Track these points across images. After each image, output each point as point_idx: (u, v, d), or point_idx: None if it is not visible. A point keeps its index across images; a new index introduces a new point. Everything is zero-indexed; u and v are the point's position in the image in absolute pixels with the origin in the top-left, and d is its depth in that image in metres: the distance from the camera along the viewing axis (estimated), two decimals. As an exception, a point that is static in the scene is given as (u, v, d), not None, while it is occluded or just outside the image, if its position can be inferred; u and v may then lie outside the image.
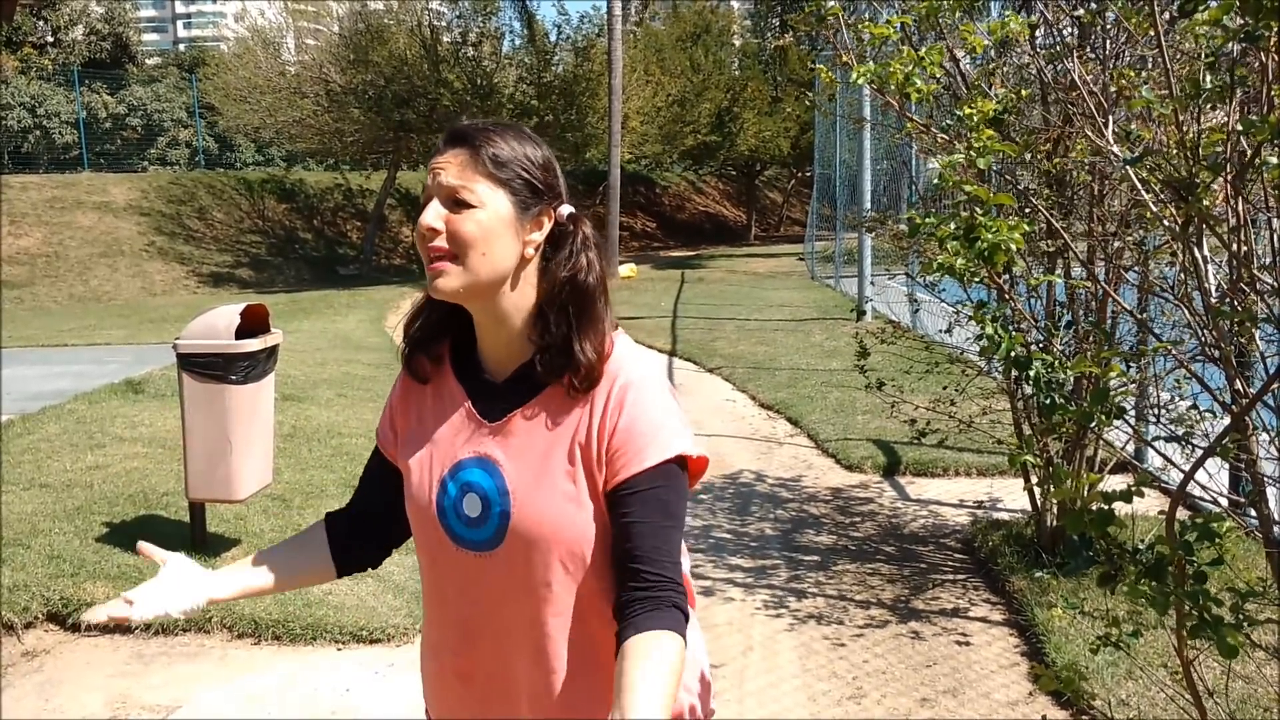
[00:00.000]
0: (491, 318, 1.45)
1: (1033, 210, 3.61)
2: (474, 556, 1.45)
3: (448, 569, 1.48)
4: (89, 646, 4.05)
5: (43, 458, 6.17)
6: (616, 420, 1.39)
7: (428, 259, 1.41)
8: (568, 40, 23.11)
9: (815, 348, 10.67)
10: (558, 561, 1.41)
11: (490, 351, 1.49)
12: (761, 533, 5.27)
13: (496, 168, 1.41)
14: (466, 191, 1.39)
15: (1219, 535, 1.64)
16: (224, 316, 4.50)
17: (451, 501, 1.45)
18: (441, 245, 1.39)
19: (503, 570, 1.44)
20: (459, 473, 1.46)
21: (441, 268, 1.39)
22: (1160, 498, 5.05)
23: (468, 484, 1.45)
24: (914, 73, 2.65)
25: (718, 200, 37.94)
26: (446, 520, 1.46)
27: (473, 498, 1.44)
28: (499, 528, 1.42)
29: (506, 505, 1.42)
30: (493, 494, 1.43)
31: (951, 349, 5.49)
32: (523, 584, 1.43)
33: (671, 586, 1.35)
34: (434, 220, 1.39)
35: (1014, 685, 3.64)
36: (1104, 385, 2.38)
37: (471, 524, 1.44)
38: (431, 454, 1.49)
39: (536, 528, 1.41)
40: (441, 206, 1.40)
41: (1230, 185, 2.02)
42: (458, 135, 1.43)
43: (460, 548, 1.46)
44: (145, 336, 12.30)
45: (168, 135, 29.79)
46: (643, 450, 1.38)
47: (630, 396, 1.40)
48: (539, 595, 1.43)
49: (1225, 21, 1.82)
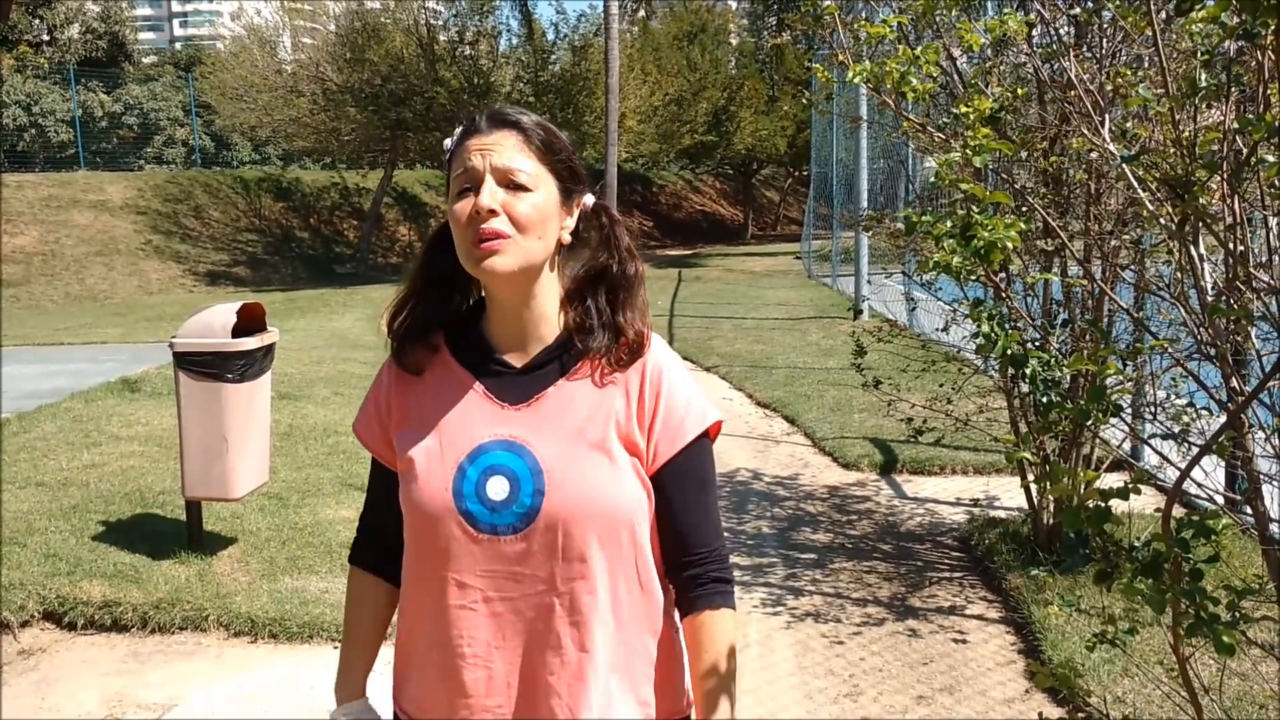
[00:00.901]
0: (523, 301, 1.45)
1: (1029, 209, 3.61)
2: (499, 540, 1.42)
3: (466, 556, 1.44)
4: (85, 645, 4.05)
5: (39, 456, 6.17)
6: (656, 401, 1.47)
7: (476, 239, 1.38)
8: (565, 39, 23.11)
9: (812, 346, 10.68)
10: (594, 538, 1.42)
11: (511, 335, 1.48)
12: (758, 531, 5.27)
13: (549, 152, 1.43)
14: (522, 174, 1.40)
15: (1215, 533, 1.64)
16: (220, 315, 4.49)
17: (472, 486, 1.43)
18: (500, 227, 1.38)
19: (534, 549, 1.42)
20: (479, 456, 1.44)
21: (497, 246, 1.38)
22: (1156, 495, 5.06)
23: (492, 467, 1.43)
24: (910, 72, 2.65)
25: (714, 199, 37.95)
26: (465, 506, 1.43)
27: (499, 480, 1.43)
28: (531, 508, 1.41)
29: (540, 484, 1.42)
30: (523, 474, 1.42)
31: (948, 347, 5.50)
32: (557, 563, 1.42)
33: (718, 558, 1.50)
34: (494, 201, 1.38)
35: (1010, 683, 3.65)
36: (1100, 383, 2.39)
37: (496, 507, 1.42)
38: (441, 441, 1.46)
39: (576, 504, 1.41)
40: (498, 188, 1.39)
41: (1226, 183, 2.02)
42: (503, 117, 1.43)
43: (482, 533, 1.43)
44: (141, 335, 12.28)
45: (164, 134, 29.73)
46: (681, 427, 1.47)
47: (665, 379, 1.48)
48: (575, 573, 1.42)
49: (1222, 19, 1.82)
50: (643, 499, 1.46)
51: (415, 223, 25.89)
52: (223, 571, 4.51)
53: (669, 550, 1.49)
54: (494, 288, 1.45)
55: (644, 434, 1.46)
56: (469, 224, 1.39)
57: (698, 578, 1.49)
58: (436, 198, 27.10)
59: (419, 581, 1.50)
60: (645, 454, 1.46)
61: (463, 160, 1.41)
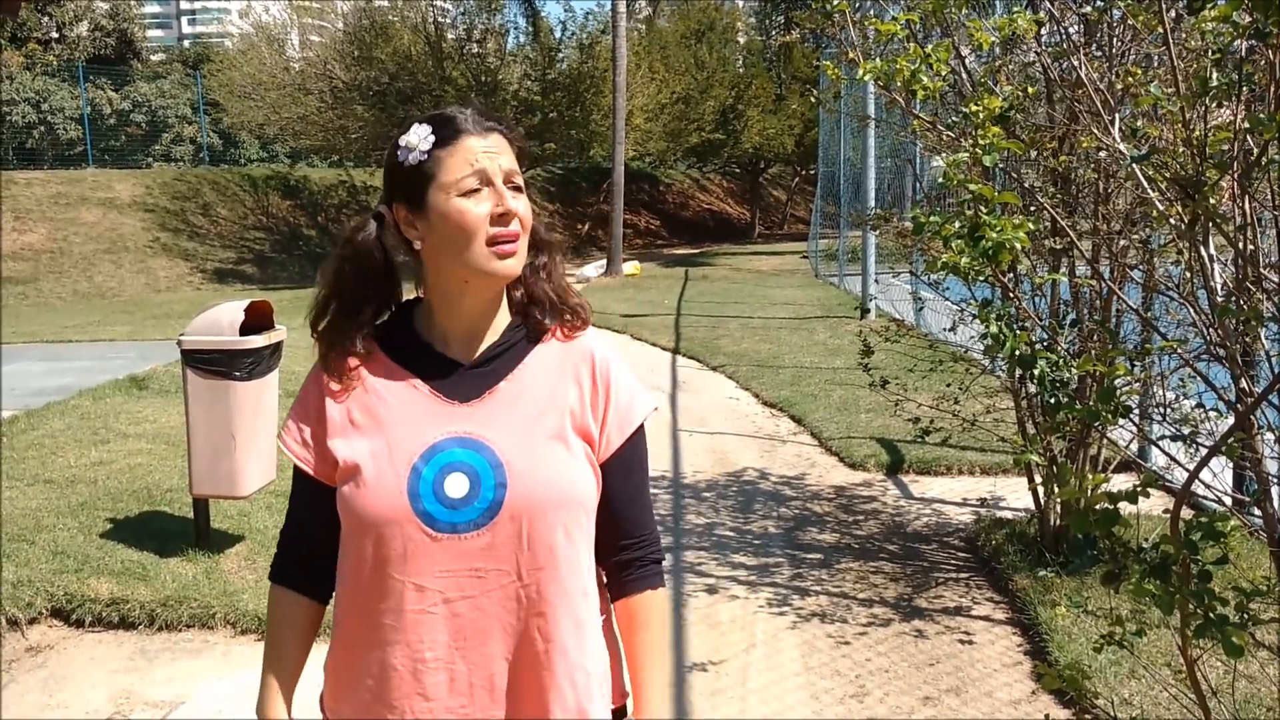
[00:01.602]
0: (496, 296, 1.50)
1: (1038, 208, 3.60)
2: (459, 538, 1.41)
3: (423, 558, 1.42)
4: (93, 642, 4.06)
5: (47, 453, 6.18)
6: (606, 391, 1.52)
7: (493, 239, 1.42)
8: (572, 37, 23.11)
9: (819, 346, 10.66)
10: (559, 524, 1.44)
11: (462, 331, 1.49)
12: (765, 531, 5.27)
13: (524, 155, 1.49)
14: (519, 176, 1.46)
15: (1224, 534, 1.63)
16: (228, 313, 4.50)
17: (429, 486, 1.42)
18: (515, 229, 1.44)
19: (499, 542, 1.42)
20: (434, 456, 1.43)
21: (514, 250, 1.44)
22: (1165, 497, 5.04)
23: (449, 465, 1.43)
24: (920, 70, 2.65)
25: (722, 198, 37.93)
26: (422, 506, 1.41)
27: (458, 477, 1.42)
28: (494, 501, 1.42)
29: (501, 476, 1.42)
30: (483, 469, 1.42)
31: (955, 347, 5.49)
32: (522, 553, 1.42)
33: (654, 541, 1.57)
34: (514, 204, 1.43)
35: (1017, 684, 3.64)
36: (1109, 384, 2.38)
37: (455, 505, 1.41)
38: (389, 444, 1.44)
39: (539, 493, 1.43)
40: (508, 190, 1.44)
41: (1237, 183, 2.01)
42: (494, 119, 1.48)
43: (440, 533, 1.41)
44: (149, 333, 12.32)
45: (172, 131, 29.81)
46: (628, 415, 1.53)
47: (611, 369, 1.54)
48: (540, 561, 1.43)
49: (1234, 18, 1.81)
50: (594, 486, 1.50)
51: (422, 221, 25.90)
52: (230, 569, 4.52)
53: (607, 535, 1.53)
54: (483, 286, 1.47)
55: (597, 423, 1.51)
56: (493, 224, 1.42)
57: (637, 560, 1.55)
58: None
59: (367, 590, 1.45)
60: (597, 442, 1.51)
61: (466, 160, 1.43)
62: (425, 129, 1.45)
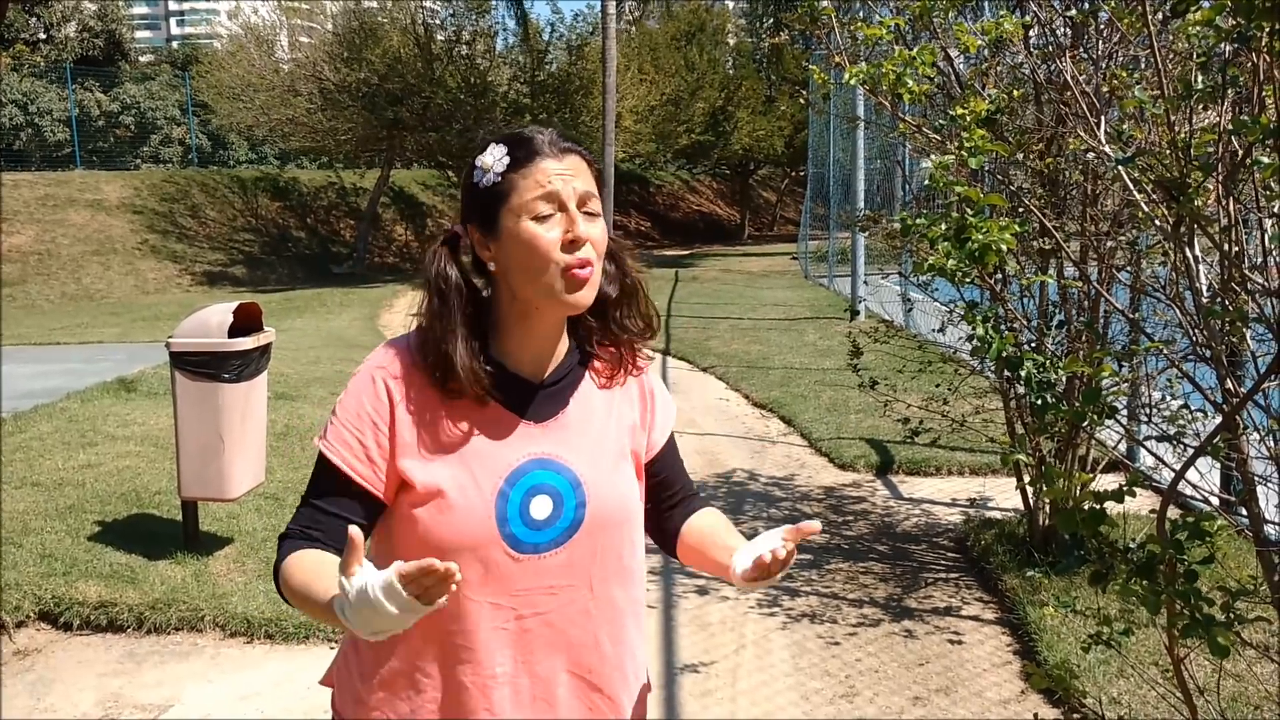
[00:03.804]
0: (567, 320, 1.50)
1: (1025, 210, 3.61)
2: (540, 558, 1.43)
3: (503, 579, 1.42)
4: (81, 645, 4.04)
5: (35, 456, 6.16)
6: (652, 402, 1.61)
7: (568, 268, 1.39)
8: (561, 39, 23.10)
9: (809, 347, 10.68)
10: (628, 535, 1.52)
11: (532, 352, 1.48)
12: (755, 532, 5.24)
13: (599, 181, 1.48)
14: (595, 201, 1.43)
15: (1210, 534, 1.65)
16: (217, 315, 4.49)
17: (516, 509, 1.42)
18: (590, 255, 1.41)
19: (576, 558, 1.46)
20: (520, 479, 1.43)
21: (587, 277, 1.41)
22: (1152, 497, 5.06)
23: (534, 487, 1.43)
24: (906, 73, 2.66)
25: (712, 199, 37.95)
26: (509, 530, 1.41)
27: (542, 499, 1.43)
28: (575, 520, 1.45)
29: (581, 496, 1.46)
30: (565, 490, 1.45)
31: (944, 348, 5.51)
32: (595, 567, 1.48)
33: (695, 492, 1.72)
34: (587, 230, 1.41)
35: (1006, 684, 3.65)
36: (1096, 385, 2.39)
37: (538, 526, 1.43)
38: (473, 469, 1.41)
39: (615, 510, 1.49)
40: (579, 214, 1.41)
41: (1222, 185, 2.03)
42: (570, 143, 1.44)
43: (523, 554, 1.42)
44: (138, 335, 12.27)
45: (161, 133, 29.68)
46: (667, 421, 1.64)
47: (655, 382, 1.63)
48: (610, 572, 1.49)
49: (1218, 22, 1.83)
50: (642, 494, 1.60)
51: (412, 222, 25.88)
52: (219, 572, 4.51)
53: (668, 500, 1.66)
54: (553, 312, 1.44)
55: (645, 427, 1.60)
56: (564, 250, 1.39)
57: (696, 495, 1.71)
58: (434, 197, 27.07)
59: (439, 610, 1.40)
60: (644, 445, 1.60)
61: (538, 183, 1.38)
62: (501, 149, 1.41)
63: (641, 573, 1.57)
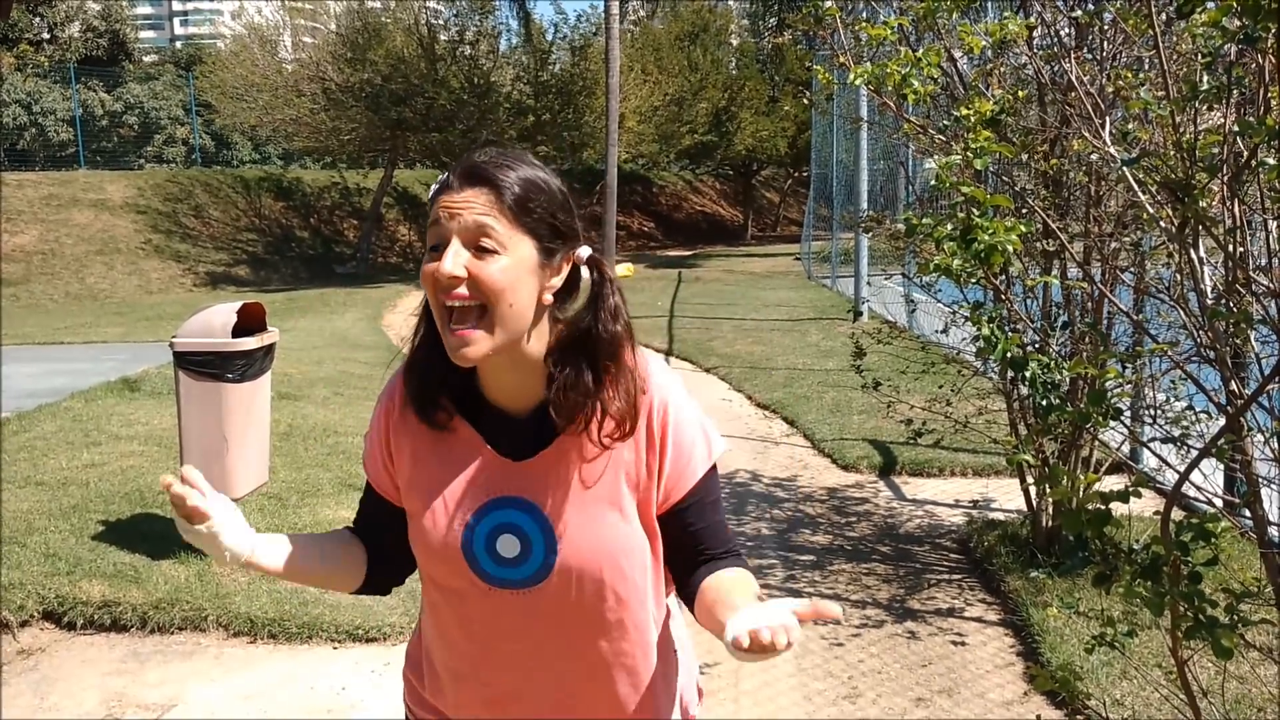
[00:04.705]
0: (508, 364, 1.37)
1: (1029, 211, 3.61)
2: (512, 594, 1.41)
3: (478, 607, 1.43)
4: (85, 644, 4.05)
5: (39, 456, 6.16)
6: (664, 440, 1.41)
7: (445, 315, 1.30)
8: (565, 39, 23.13)
9: (812, 347, 10.68)
10: (610, 588, 1.41)
11: (502, 393, 1.42)
12: (758, 532, 5.27)
13: (522, 212, 1.31)
14: (491, 236, 1.29)
15: (1214, 536, 1.64)
16: (220, 315, 4.49)
17: (482, 544, 1.40)
18: (463, 293, 1.28)
19: (549, 604, 1.41)
20: (486, 515, 1.40)
21: (468, 335, 1.29)
22: (1156, 498, 5.05)
23: (501, 525, 1.40)
24: (911, 74, 2.66)
25: (715, 200, 37.95)
26: (475, 562, 1.41)
27: (509, 539, 1.40)
28: (543, 564, 1.39)
29: (552, 541, 1.38)
30: (534, 533, 1.39)
31: (948, 349, 5.50)
32: (573, 615, 1.42)
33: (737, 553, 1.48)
34: (456, 267, 1.27)
35: (1009, 685, 3.65)
36: (1100, 386, 2.39)
37: (508, 564, 1.40)
38: (445, 497, 1.42)
39: (590, 561, 1.39)
40: (464, 251, 1.29)
41: (1226, 187, 2.02)
42: (475, 172, 1.31)
43: (495, 587, 1.41)
44: (141, 335, 12.28)
45: (164, 133, 29.73)
46: (691, 464, 1.43)
47: (671, 417, 1.41)
48: (591, 624, 1.42)
49: (1223, 23, 1.83)
50: (647, 545, 1.44)
51: (416, 223, 25.90)
52: (222, 572, 4.51)
53: (690, 560, 1.46)
54: None
55: (653, 475, 1.41)
56: (434, 289, 1.30)
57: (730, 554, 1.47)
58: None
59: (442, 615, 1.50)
60: (654, 495, 1.42)
61: (433, 217, 1.32)
62: (438, 180, 1.36)
63: (638, 626, 1.46)
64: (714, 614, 1.33)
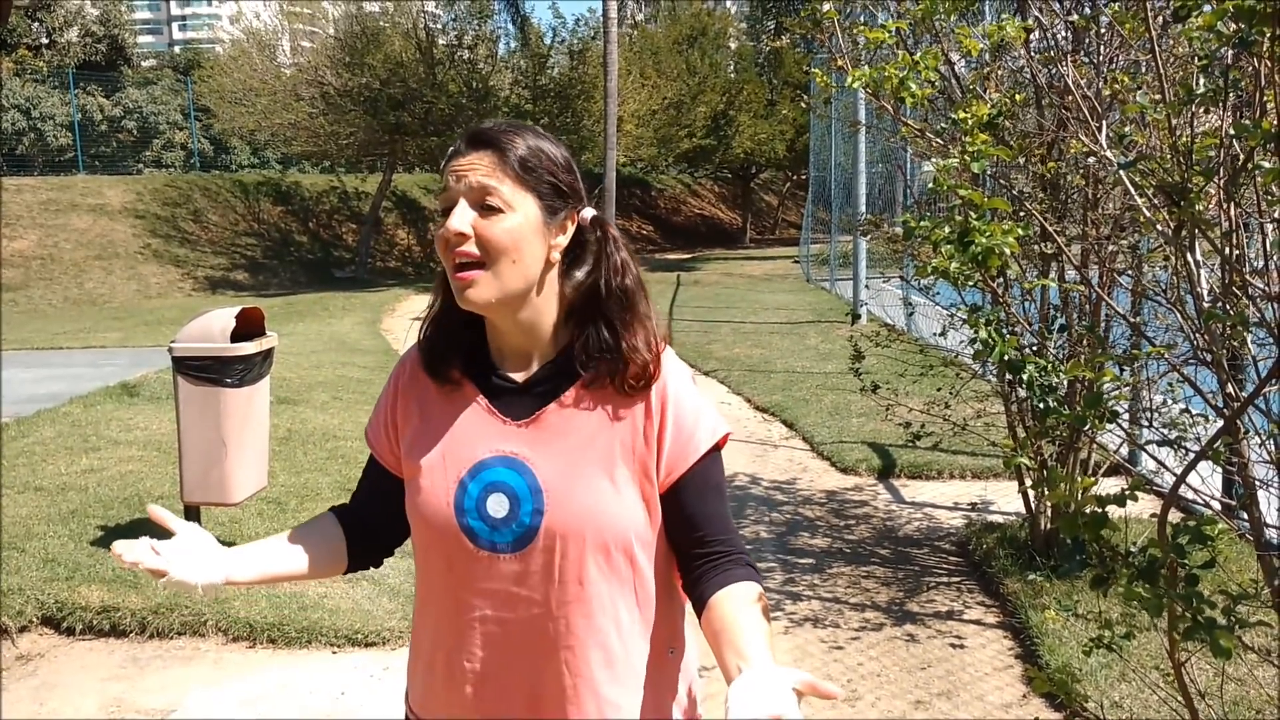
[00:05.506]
0: (514, 323, 1.43)
1: (1027, 214, 3.62)
2: (498, 558, 1.41)
3: (466, 572, 1.43)
4: (84, 650, 4.05)
5: (37, 461, 6.16)
6: (663, 417, 1.43)
7: (453, 267, 1.37)
8: (563, 43, 23.13)
9: (810, 350, 10.69)
10: (592, 559, 1.40)
11: (509, 353, 1.46)
12: (756, 536, 5.27)
13: (525, 171, 1.38)
14: (496, 195, 1.36)
15: (1211, 538, 1.65)
16: (219, 319, 4.49)
17: (474, 502, 1.42)
18: (471, 251, 1.35)
19: (532, 570, 1.41)
20: (481, 473, 1.42)
21: (471, 277, 1.36)
22: (1153, 501, 5.06)
23: (492, 484, 1.42)
24: (909, 77, 2.66)
25: (713, 203, 37.98)
26: (466, 521, 1.42)
27: (499, 497, 1.41)
28: (529, 527, 1.40)
29: (540, 503, 1.40)
30: (523, 492, 1.40)
31: (946, 352, 5.51)
32: (553, 586, 1.41)
33: (739, 550, 1.46)
34: (463, 225, 1.35)
35: (1008, 688, 3.65)
36: (1097, 389, 2.39)
37: (497, 525, 1.41)
38: (444, 455, 1.45)
39: (574, 525, 1.39)
40: (470, 210, 1.36)
41: (1223, 190, 2.03)
42: (481, 137, 1.40)
43: (481, 549, 1.42)
44: (140, 339, 12.28)
45: (163, 138, 29.71)
46: (690, 443, 1.44)
47: (671, 394, 1.44)
48: (570, 596, 1.41)
49: (1219, 27, 1.83)
50: (643, 519, 1.43)
51: (414, 227, 25.91)
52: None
53: (689, 549, 1.45)
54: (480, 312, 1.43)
55: (652, 451, 1.42)
56: (444, 248, 1.37)
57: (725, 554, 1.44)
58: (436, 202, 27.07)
59: (427, 589, 1.51)
60: (654, 471, 1.43)
61: (444, 183, 1.40)
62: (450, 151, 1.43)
63: (611, 603, 1.42)
64: (720, 649, 1.34)
